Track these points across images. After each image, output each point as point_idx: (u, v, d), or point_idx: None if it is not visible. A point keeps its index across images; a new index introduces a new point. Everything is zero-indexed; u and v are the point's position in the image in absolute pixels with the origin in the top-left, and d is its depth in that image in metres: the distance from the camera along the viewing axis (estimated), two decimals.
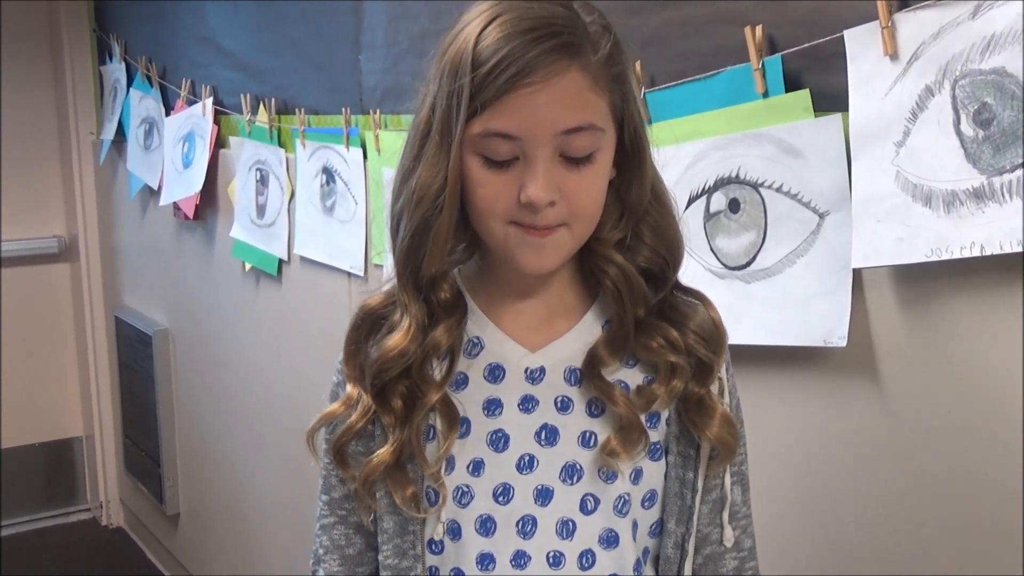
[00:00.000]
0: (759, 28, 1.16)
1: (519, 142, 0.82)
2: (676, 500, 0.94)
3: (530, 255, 0.86)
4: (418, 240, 0.87)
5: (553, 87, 0.80)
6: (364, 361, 0.93)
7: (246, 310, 2.63)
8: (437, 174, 0.84)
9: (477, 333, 0.94)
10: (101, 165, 3.49)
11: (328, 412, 0.97)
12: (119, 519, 3.81)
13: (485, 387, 0.93)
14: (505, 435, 0.92)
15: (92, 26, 3.49)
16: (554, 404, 0.92)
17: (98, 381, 3.69)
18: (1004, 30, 0.94)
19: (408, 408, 0.91)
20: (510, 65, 0.79)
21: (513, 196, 0.83)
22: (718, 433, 0.92)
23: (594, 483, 0.91)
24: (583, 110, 0.82)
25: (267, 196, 2.39)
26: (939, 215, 1.00)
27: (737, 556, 0.99)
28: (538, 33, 0.80)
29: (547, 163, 0.82)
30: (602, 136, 0.84)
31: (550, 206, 0.83)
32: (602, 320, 0.94)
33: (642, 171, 0.90)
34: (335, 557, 1.01)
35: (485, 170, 0.83)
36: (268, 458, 2.58)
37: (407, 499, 0.91)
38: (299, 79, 2.26)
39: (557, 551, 0.91)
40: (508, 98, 0.80)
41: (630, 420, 0.90)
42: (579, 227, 0.86)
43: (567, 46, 0.81)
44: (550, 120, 0.81)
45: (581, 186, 0.84)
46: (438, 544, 0.93)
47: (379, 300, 0.96)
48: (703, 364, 0.92)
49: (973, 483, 1.04)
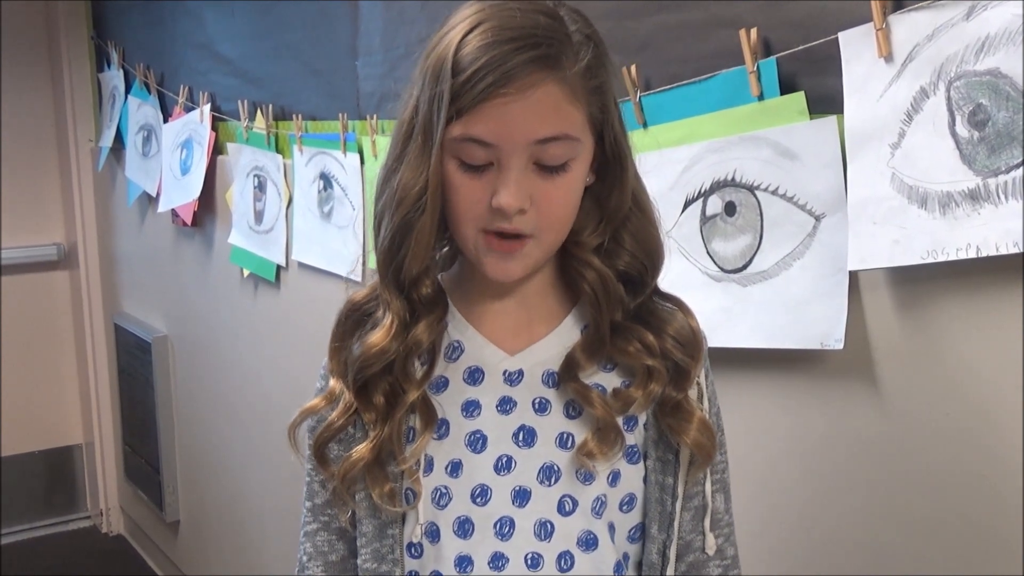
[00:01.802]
0: (754, 31, 1.16)
1: (494, 149, 0.83)
2: (657, 506, 0.94)
3: (496, 264, 0.87)
4: (399, 240, 0.88)
5: (528, 98, 0.82)
6: (348, 357, 0.94)
7: (245, 316, 2.63)
8: (419, 175, 0.86)
9: (457, 337, 0.95)
10: (100, 172, 3.49)
11: (310, 406, 0.98)
12: (119, 526, 3.81)
13: (464, 389, 0.94)
14: (483, 436, 0.93)
15: (90, 33, 3.49)
16: (532, 405, 0.93)
17: (98, 388, 3.69)
18: (998, 31, 0.94)
19: (389, 405, 0.92)
20: (488, 74, 0.80)
21: (486, 202, 0.84)
22: (696, 438, 0.92)
23: (571, 484, 0.92)
24: (558, 121, 0.83)
25: (265, 202, 2.39)
26: (935, 217, 1.00)
27: (721, 564, 0.99)
28: (518, 44, 0.81)
29: (520, 172, 0.84)
30: (577, 146, 0.86)
31: (520, 213, 0.84)
32: (581, 325, 0.95)
33: (623, 179, 0.91)
34: (318, 563, 1.02)
35: (461, 174, 0.85)
36: (267, 464, 2.57)
37: (384, 495, 0.92)
38: (296, 85, 2.27)
39: (535, 553, 0.91)
40: (485, 106, 0.81)
41: (607, 421, 0.91)
42: (548, 237, 0.88)
43: (545, 58, 0.82)
44: (524, 129, 0.82)
45: (554, 195, 0.85)
46: (417, 547, 0.94)
47: (365, 294, 0.97)
48: (680, 368, 0.93)
49: (971, 484, 1.03)
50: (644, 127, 1.33)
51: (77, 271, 3.67)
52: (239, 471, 2.78)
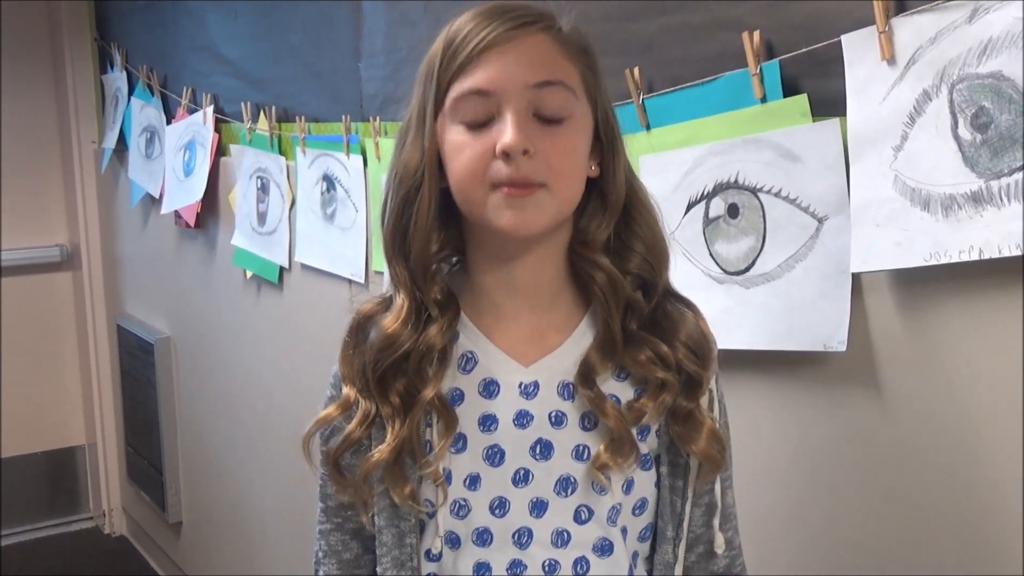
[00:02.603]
0: (757, 33, 1.16)
1: (493, 98, 0.85)
2: (668, 507, 0.95)
3: (512, 216, 0.86)
4: (403, 215, 0.90)
5: (521, 45, 0.86)
6: (361, 362, 0.94)
7: (247, 318, 2.63)
8: (416, 149, 0.89)
9: (471, 348, 0.95)
10: (103, 174, 3.49)
11: (324, 416, 0.98)
12: (122, 527, 3.81)
13: (480, 403, 0.94)
14: (501, 450, 0.93)
15: (93, 35, 3.50)
16: (548, 419, 0.93)
17: (100, 389, 3.69)
18: (1001, 34, 0.94)
19: (406, 404, 0.92)
20: (481, 31, 0.86)
21: (491, 155, 0.86)
22: (704, 448, 0.93)
23: (587, 495, 0.93)
24: (553, 68, 0.87)
25: (268, 204, 2.39)
26: (937, 219, 1.00)
27: (728, 554, 1.01)
28: (509, 15, 0.87)
29: (520, 116, 0.85)
30: (573, 100, 0.88)
31: (526, 155, 0.85)
32: (594, 331, 0.95)
33: (616, 160, 0.93)
34: (333, 561, 1.03)
35: (464, 134, 0.87)
36: (270, 466, 2.58)
37: (404, 497, 0.92)
38: (299, 87, 2.27)
39: (552, 559, 0.92)
40: (480, 59, 0.86)
41: (621, 434, 0.91)
42: (559, 187, 0.88)
43: (536, 22, 0.88)
44: (520, 73, 0.86)
45: (557, 145, 0.87)
46: (435, 556, 0.94)
47: (373, 305, 0.98)
48: (692, 379, 0.94)
49: (973, 485, 1.04)
50: (647, 129, 1.33)
51: (80, 272, 3.67)
52: (241, 472, 2.78)
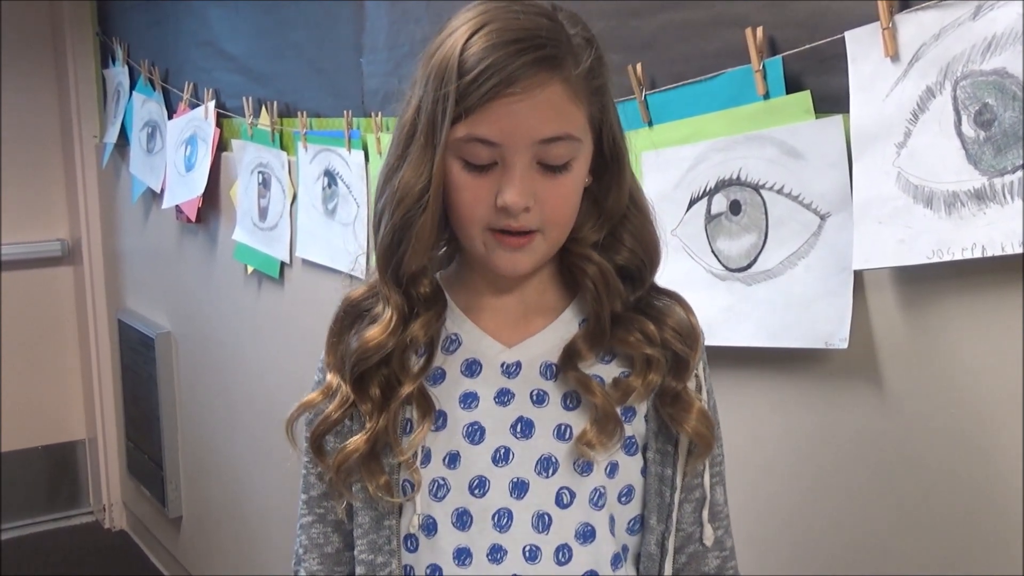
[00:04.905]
0: (760, 30, 1.16)
1: (499, 148, 0.85)
2: (656, 497, 0.95)
3: (505, 260, 0.89)
4: (399, 237, 0.90)
5: (534, 98, 0.83)
6: (345, 351, 0.95)
7: (248, 313, 2.63)
8: (421, 175, 0.87)
9: (455, 330, 0.96)
10: (104, 168, 3.49)
11: (306, 400, 0.99)
12: (122, 522, 3.82)
13: (462, 381, 0.95)
14: (481, 427, 0.93)
15: (95, 30, 3.50)
16: (530, 397, 0.94)
17: (101, 384, 3.69)
18: (1005, 31, 0.94)
19: (385, 397, 0.93)
20: (494, 75, 0.82)
21: (491, 201, 0.86)
22: (695, 427, 0.94)
23: (569, 476, 0.93)
24: (561, 121, 0.85)
25: (269, 199, 2.39)
26: (940, 216, 1.00)
27: (720, 555, 1.01)
28: (522, 45, 0.83)
29: (524, 170, 0.85)
30: (579, 146, 0.87)
31: (525, 211, 0.86)
32: (579, 318, 0.96)
33: (620, 178, 0.93)
34: (314, 556, 1.03)
35: (466, 174, 0.87)
36: (270, 460, 2.58)
37: (380, 487, 0.93)
38: (301, 82, 2.27)
39: (533, 545, 0.92)
40: (491, 106, 0.83)
41: (606, 411, 0.92)
42: (553, 233, 0.89)
43: (550, 59, 0.84)
44: (529, 129, 0.84)
45: (557, 194, 0.87)
46: (414, 540, 0.95)
47: (362, 292, 0.98)
48: (679, 358, 0.94)
49: (973, 484, 1.03)
50: (649, 126, 1.33)
51: (81, 267, 3.67)
52: (242, 467, 2.78)
